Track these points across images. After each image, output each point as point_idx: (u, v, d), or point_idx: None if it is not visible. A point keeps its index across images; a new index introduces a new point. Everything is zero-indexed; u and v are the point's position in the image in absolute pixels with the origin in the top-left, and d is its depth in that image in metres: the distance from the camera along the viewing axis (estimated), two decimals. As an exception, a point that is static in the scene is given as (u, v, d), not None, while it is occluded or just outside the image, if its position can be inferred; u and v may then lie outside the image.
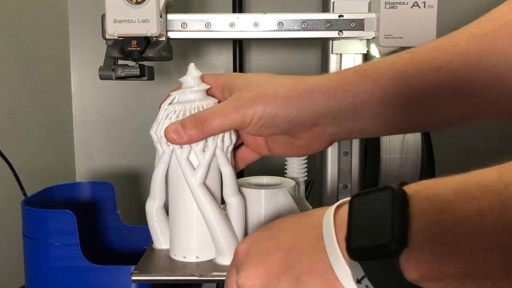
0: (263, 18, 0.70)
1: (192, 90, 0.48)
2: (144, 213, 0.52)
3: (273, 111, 0.43)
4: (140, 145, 1.11)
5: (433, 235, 0.26)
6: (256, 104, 0.43)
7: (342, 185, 0.79)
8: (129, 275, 0.50)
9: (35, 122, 0.97)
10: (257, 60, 1.09)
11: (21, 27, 0.91)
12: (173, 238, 0.50)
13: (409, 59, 0.43)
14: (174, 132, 0.44)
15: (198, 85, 0.48)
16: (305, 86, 0.44)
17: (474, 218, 0.24)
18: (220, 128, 0.44)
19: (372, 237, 0.28)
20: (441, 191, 0.27)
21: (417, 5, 0.67)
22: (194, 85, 0.48)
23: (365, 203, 0.29)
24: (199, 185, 0.46)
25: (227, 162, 0.48)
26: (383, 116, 0.44)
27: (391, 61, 0.44)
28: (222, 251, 0.48)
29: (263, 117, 0.44)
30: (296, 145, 0.48)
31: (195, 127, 0.44)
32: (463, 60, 0.42)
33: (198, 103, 0.47)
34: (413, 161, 0.76)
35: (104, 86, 1.10)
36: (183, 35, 0.70)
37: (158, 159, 0.50)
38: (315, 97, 0.43)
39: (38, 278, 0.63)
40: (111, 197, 0.78)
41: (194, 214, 0.48)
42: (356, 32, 0.70)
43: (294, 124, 0.44)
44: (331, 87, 0.43)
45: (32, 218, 0.63)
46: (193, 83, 0.49)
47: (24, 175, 0.76)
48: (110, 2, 0.65)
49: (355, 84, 0.43)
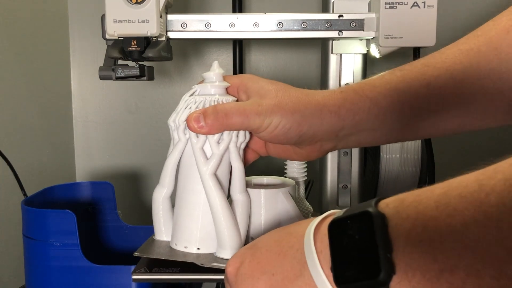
0: (263, 18, 0.70)
1: (214, 85, 0.50)
2: (144, 213, 0.52)
3: (287, 125, 0.46)
4: (140, 145, 1.11)
5: (421, 255, 0.26)
6: (275, 115, 0.46)
7: (342, 185, 0.79)
8: (129, 275, 0.50)
9: (35, 122, 0.97)
10: (257, 60, 1.09)
11: (21, 27, 0.91)
12: (176, 227, 0.51)
13: (401, 77, 0.47)
14: (196, 120, 0.46)
15: (220, 81, 0.50)
16: (317, 103, 0.47)
17: (460, 231, 0.24)
18: (238, 126, 0.46)
19: (359, 270, 0.28)
20: (422, 208, 0.27)
21: (417, 5, 0.67)
22: (216, 81, 0.50)
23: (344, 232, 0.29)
24: (210, 175, 0.47)
25: (238, 158, 0.49)
26: (379, 130, 0.48)
27: (385, 79, 0.47)
28: (224, 244, 0.48)
29: (278, 127, 0.46)
30: (295, 152, 0.51)
31: (216, 119, 0.46)
32: (450, 75, 0.45)
33: (218, 97, 0.48)
34: (413, 161, 0.76)
35: (104, 86, 1.10)
36: (183, 35, 0.70)
37: (173, 148, 0.51)
38: (324, 115, 0.46)
39: (38, 278, 0.63)
40: (111, 197, 0.78)
41: (201, 205, 0.49)
42: (356, 32, 0.70)
43: (303, 139, 0.47)
44: (336, 106, 0.46)
45: (32, 218, 0.63)
46: (215, 78, 0.50)
47: (24, 175, 0.76)
48: (110, 2, 0.65)
49: (355, 103, 0.46)
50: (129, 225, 0.77)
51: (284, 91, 0.48)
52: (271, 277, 0.34)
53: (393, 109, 0.46)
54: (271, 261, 0.35)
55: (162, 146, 1.11)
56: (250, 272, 0.36)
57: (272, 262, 0.35)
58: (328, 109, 0.46)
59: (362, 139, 0.49)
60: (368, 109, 0.46)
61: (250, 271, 0.36)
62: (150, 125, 1.11)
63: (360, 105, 0.46)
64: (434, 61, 0.46)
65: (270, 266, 0.35)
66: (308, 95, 0.48)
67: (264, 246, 0.36)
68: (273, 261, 0.35)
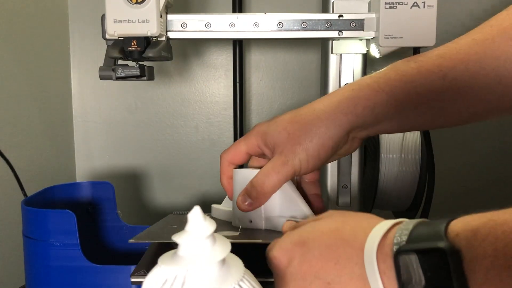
0: (263, 18, 0.70)
1: None
2: (144, 213, 0.52)
3: (314, 152, 0.48)
4: (140, 145, 1.11)
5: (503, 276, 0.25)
6: (297, 154, 0.48)
7: (342, 185, 0.79)
8: (129, 275, 0.50)
9: (35, 122, 0.97)
10: (257, 60, 1.09)
11: (21, 27, 0.91)
12: None
13: (416, 69, 0.48)
14: (243, 202, 0.51)
15: None
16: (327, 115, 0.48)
17: None
18: (278, 183, 0.50)
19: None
20: (501, 246, 0.25)
21: (417, 5, 0.67)
22: None
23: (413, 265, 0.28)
24: None
25: None
26: (397, 119, 0.49)
27: (401, 71, 0.48)
28: None
29: (309, 160, 0.48)
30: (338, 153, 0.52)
31: (258, 191, 0.50)
32: (465, 66, 0.45)
33: None
34: (412, 161, 0.76)
35: (104, 86, 1.10)
36: (183, 35, 0.70)
37: None
38: (340, 120, 0.48)
39: (38, 278, 0.63)
40: (111, 197, 0.78)
41: None
42: (356, 32, 0.70)
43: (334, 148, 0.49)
44: (350, 106, 0.48)
45: (32, 218, 0.63)
46: None
47: (24, 175, 0.76)
48: (110, 2, 0.65)
49: (372, 99, 0.48)
50: (129, 225, 0.77)
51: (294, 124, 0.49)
52: (326, 285, 0.34)
53: (410, 100, 0.47)
54: (326, 269, 0.34)
55: (162, 146, 1.11)
56: (302, 274, 0.35)
57: (328, 269, 0.34)
58: (341, 112, 0.48)
59: (385, 128, 0.50)
60: (385, 102, 0.47)
61: (302, 272, 0.35)
62: (150, 125, 1.11)
63: (377, 100, 0.47)
64: (449, 52, 0.47)
65: (325, 273, 0.34)
66: (315, 110, 0.49)
67: (317, 249, 0.36)
68: (329, 269, 0.34)
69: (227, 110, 1.09)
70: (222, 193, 0.58)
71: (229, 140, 1.08)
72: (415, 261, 0.28)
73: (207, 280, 0.32)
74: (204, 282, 0.32)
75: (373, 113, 0.48)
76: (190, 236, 0.32)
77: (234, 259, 0.35)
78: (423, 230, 0.29)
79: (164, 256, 0.34)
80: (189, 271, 0.32)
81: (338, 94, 0.50)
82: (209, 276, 0.32)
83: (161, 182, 1.10)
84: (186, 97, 1.10)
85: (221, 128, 1.10)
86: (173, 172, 1.10)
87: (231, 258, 0.35)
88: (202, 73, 1.09)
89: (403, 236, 0.30)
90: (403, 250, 0.29)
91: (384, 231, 0.32)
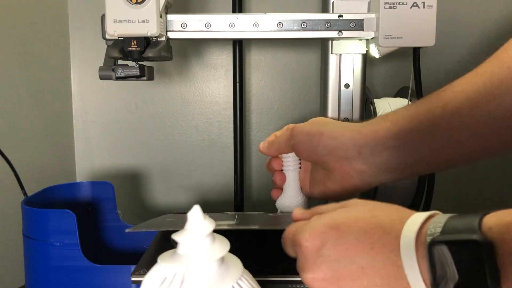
0: (263, 18, 0.70)
1: None
2: (144, 213, 0.52)
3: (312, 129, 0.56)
4: (140, 145, 1.11)
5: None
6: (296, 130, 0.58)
7: (342, 185, 0.79)
8: (129, 275, 0.50)
9: (35, 122, 0.97)
10: (257, 60, 1.09)
11: (21, 27, 0.91)
12: None
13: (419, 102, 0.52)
14: None
15: None
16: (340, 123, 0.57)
17: None
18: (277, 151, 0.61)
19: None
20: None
21: (417, 5, 0.67)
22: None
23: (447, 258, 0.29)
24: None
25: None
26: (399, 149, 0.50)
27: (407, 107, 0.53)
28: None
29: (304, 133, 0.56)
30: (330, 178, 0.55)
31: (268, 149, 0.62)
32: (465, 96, 0.47)
33: None
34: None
35: (104, 86, 1.10)
36: (183, 35, 0.70)
37: None
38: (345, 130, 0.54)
39: (38, 278, 0.63)
40: (111, 197, 0.78)
41: None
42: (356, 32, 0.70)
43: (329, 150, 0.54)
44: (358, 125, 0.54)
45: (32, 218, 0.63)
46: None
47: (24, 175, 0.77)
48: (110, 2, 0.65)
49: (376, 124, 0.52)
50: (129, 225, 0.77)
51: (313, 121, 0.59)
52: (360, 269, 0.34)
53: (411, 128, 0.49)
54: (361, 253, 0.35)
55: (162, 146, 1.11)
56: (336, 256, 0.36)
57: (363, 254, 0.35)
58: (349, 127, 0.53)
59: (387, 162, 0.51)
60: (388, 128, 0.51)
61: (335, 255, 0.36)
62: (150, 125, 1.11)
63: (381, 125, 0.52)
64: (451, 86, 0.49)
65: (360, 258, 0.35)
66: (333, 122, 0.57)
67: (352, 234, 0.36)
68: (364, 254, 0.35)
69: (227, 110, 1.09)
70: (221, 193, 0.59)
71: (229, 140, 1.08)
72: (448, 252, 0.29)
73: (206, 278, 0.32)
74: (203, 280, 0.32)
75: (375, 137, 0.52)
76: (190, 235, 0.33)
77: (233, 258, 0.35)
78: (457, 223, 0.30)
79: (164, 254, 0.34)
80: (188, 269, 0.32)
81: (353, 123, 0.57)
82: (208, 274, 0.32)
83: (161, 182, 1.10)
84: (186, 97, 1.10)
85: (221, 128, 1.10)
86: (173, 172, 1.10)
87: (230, 257, 0.35)
88: (202, 73, 1.09)
89: (437, 228, 0.31)
90: (437, 241, 0.30)
91: (422, 221, 0.33)
